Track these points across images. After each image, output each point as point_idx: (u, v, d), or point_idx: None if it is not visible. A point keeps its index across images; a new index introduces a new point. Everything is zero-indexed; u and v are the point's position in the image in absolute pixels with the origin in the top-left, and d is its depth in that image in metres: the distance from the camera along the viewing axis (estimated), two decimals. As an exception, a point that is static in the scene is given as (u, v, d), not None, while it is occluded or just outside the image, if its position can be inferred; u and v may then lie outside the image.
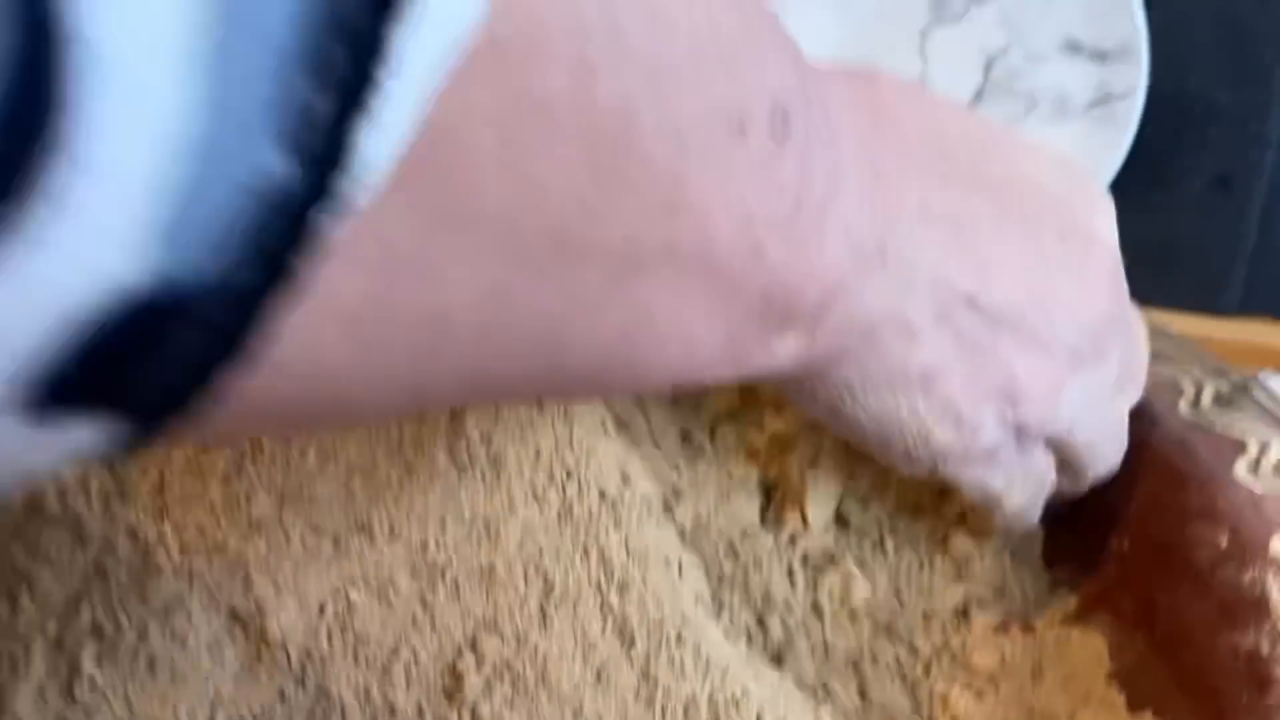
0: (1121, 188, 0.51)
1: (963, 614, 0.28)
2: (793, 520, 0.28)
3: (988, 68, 0.54)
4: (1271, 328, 0.52)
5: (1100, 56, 0.52)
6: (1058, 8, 0.52)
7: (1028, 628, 0.28)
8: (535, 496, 0.25)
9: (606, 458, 0.26)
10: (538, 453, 0.25)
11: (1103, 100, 0.52)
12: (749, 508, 0.28)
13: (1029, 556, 0.29)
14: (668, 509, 0.27)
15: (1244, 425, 0.28)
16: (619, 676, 0.24)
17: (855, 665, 0.27)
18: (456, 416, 0.25)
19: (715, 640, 0.25)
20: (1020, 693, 0.27)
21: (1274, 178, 0.51)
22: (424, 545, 0.25)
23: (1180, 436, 0.29)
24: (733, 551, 0.27)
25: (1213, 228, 0.52)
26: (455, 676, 0.24)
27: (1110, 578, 0.28)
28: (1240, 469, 0.27)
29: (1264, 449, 0.27)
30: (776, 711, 0.24)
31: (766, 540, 0.28)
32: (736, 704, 0.23)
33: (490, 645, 0.24)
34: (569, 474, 0.25)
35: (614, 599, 0.24)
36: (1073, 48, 0.52)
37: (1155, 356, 0.31)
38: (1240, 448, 0.27)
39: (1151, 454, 0.29)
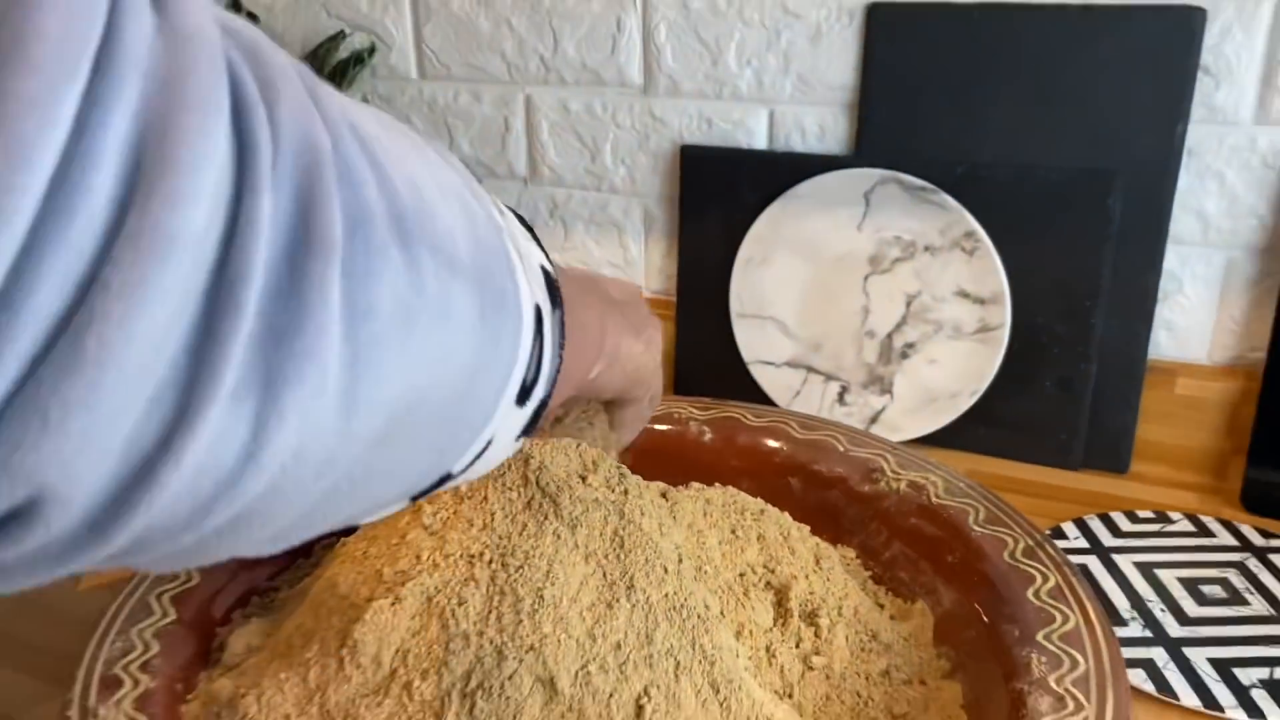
0: (996, 387, 0.77)
1: (885, 674, 0.51)
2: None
3: (908, 303, 0.80)
4: (1103, 478, 0.77)
5: (980, 301, 0.78)
6: (952, 269, 0.78)
7: (923, 681, 0.51)
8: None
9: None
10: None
11: (983, 329, 0.78)
12: None
13: (925, 640, 0.53)
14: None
15: (1039, 569, 0.53)
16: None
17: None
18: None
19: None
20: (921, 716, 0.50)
21: (1097, 382, 0.76)
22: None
23: (1004, 571, 0.53)
24: None
25: (1060, 414, 0.77)
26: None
27: (965, 653, 0.52)
28: (1029, 592, 0.51)
29: (1045, 579, 0.52)
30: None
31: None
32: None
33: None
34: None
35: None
36: (962, 294, 0.78)
37: (996, 521, 0.56)
38: (1030, 579, 0.52)
39: (987, 581, 0.53)
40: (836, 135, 0.82)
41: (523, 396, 0.29)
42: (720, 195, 0.85)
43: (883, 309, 0.81)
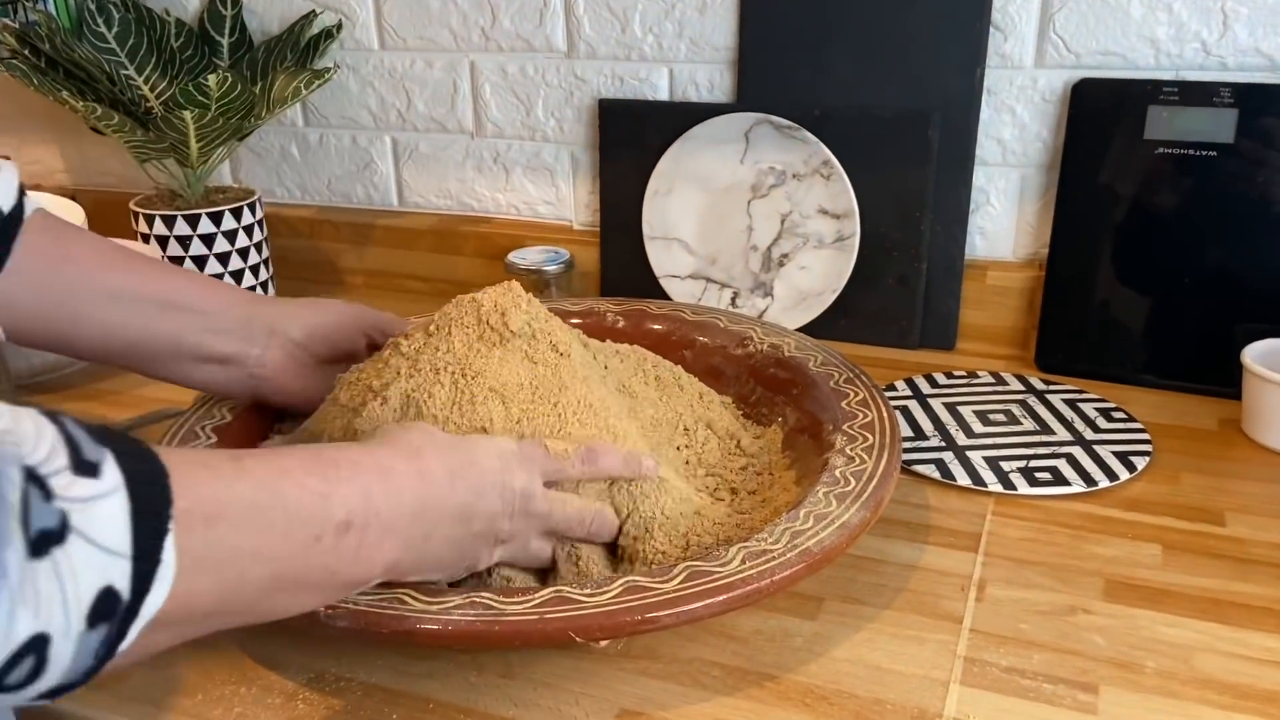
0: (851, 286, 0.97)
1: (743, 469, 0.71)
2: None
3: (782, 221, 1.00)
4: (936, 354, 0.97)
5: (836, 216, 0.98)
6: (814, 192, 0.98)
7: (771, 472, 0.71)
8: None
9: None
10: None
11: (839, 239, 0.98)
12: None
13: (775, 448, 0.73)
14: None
15: (853, 389, 0.73)
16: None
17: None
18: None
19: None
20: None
21: (927, 278, 0.96)
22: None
23: (827, 392, 0.73)
24: None
25: (901, 305, 0.98)
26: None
27: (800, 450, 0.72)
28: (843, 403, 0.71)
29: (856, 394, 0.72)
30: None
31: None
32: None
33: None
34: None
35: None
36: (823, 212, 0.98)
37: (829, 364, 0.76)
38: (846, 395, 0.72)
39: (816, 399, 0.73)
40: (722, 87, 1.01)
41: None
42: (631, 140, 1.04)
43: (763, 227, 1.01)
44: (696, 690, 0.55)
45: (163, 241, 1.06)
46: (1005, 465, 0.75)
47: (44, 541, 0.30)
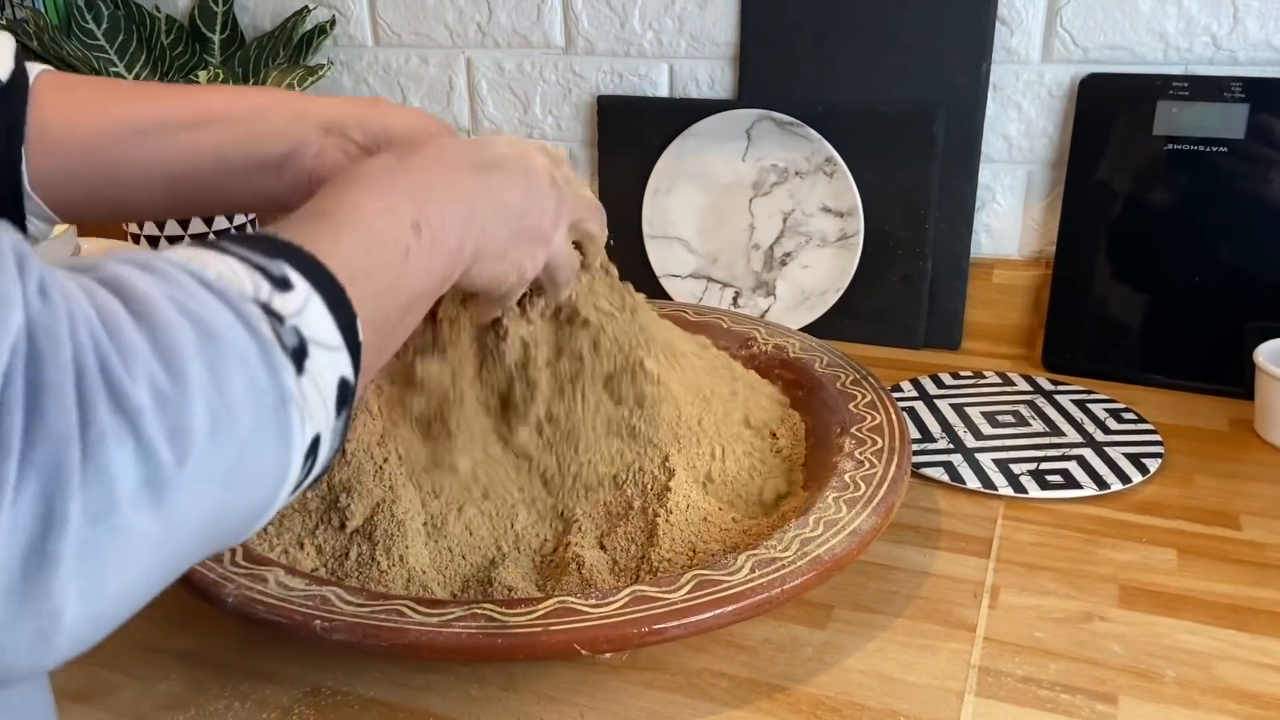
0: (855, 284, 0.95)
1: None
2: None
3: (784, 219, 0.98)
4: (940, 354, 0.96)
5: (840, 214, 0.96)
6: (817, 189, 0.96)
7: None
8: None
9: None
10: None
11: (843, 237, 0.96)
12: None
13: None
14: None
15: (860, 391, 0.72)
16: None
17: None
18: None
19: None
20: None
21: (932, 276, 0.95)
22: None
23: (834, 394, 0.72)
24: None
25: (905, 303, 0.96)
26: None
27: (810, 448, 0.70)
28: (850, 405, 0.70)
29: (864, 396, 0.70)
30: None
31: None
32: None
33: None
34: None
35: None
36: (826, 210, 0.97)
37: (834, 365, 0.74)
38: (853, 397, 0.70)
39: (823, 401, 0.72)
40: (723, 83, 1.00)
41: (308, 457, 0.34)
42: (631, 137, 1.02)
43: (765, 225, 0.99)
44: (705, 703, 0.54)
45: (153, 241, 1.04)
46: (1015, 468, 0.74)
47: (299, 357, 0.33)
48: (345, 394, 0.36)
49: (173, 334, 0.29)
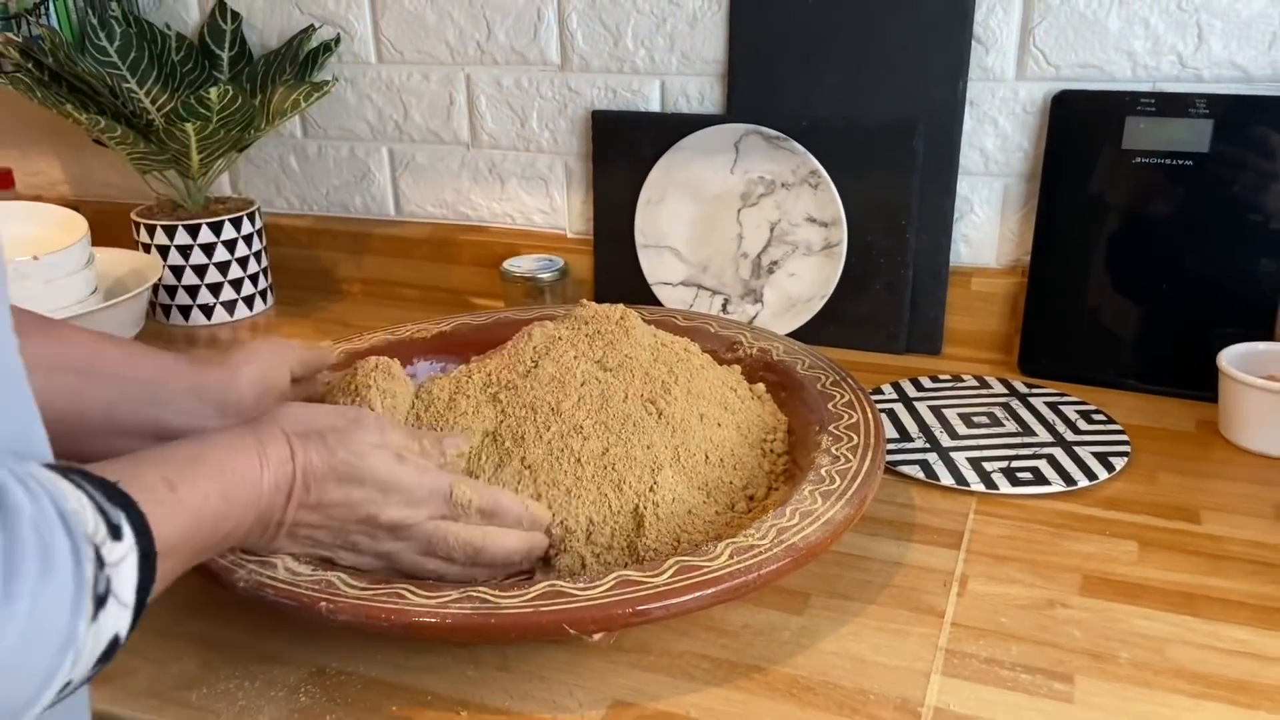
0: (839, 292, 0.99)
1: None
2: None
3: (771, 229, 1.02)
4: (922, 359, 0.99)
5: (824, 224, 1.00)
6: (803, 200, 1.00)
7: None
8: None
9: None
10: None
11: (828, 246, 1.00)
12: None
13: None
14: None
15: (839, 391, 0.75)
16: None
17: None
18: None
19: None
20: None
21: (913, 284, 0.99)
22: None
23: (814, 395, 0.75)
24: None
25: (887, 310, 1.00)
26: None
27: (792, 447, 0.74)
28: (829, 404, 0.73)
29: (842, 396, 0.74)
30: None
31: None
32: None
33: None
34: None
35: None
36: (811, 220, 1.00)
37: (815, 367, 0.78)
38: (832, 397, 0.74)
39: (804, 401, 0.75)
40: (712, 99, 1.04)
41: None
42: (624, 150, 1.06)
43: (752, 235, 1.03)
44: (687, 682, 0.57)
45: (163, 251, 1.08)
46: (988, 465, 0.78)
47: (98, 606, 0.35)
48: (112, 650, 0.37)
49: (24, 554, 0.32)
